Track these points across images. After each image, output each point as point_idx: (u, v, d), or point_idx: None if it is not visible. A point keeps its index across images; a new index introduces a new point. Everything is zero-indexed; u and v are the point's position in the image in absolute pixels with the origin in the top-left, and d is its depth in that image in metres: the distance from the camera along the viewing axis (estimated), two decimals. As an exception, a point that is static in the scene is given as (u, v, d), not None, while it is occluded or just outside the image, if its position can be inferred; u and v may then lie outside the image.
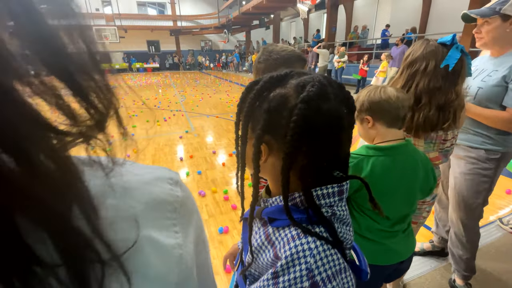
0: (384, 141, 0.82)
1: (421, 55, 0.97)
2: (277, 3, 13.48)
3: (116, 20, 19.54)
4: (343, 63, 8.88)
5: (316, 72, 0.44)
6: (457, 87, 0.97)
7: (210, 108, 6.82)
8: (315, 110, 0.39)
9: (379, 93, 0.79)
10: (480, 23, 1.17)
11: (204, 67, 23.42)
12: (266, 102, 0.42)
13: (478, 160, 1.26)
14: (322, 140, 0.41)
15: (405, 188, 0.82)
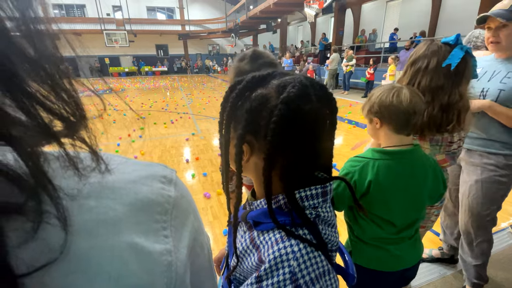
0: (391, 146, 0.81)
1: (423, 54, 0.97)
2: (284, 7, 13.54)
3: (126, 24, 19.97)
4: (351, 67, 8.83)
5: (299, 73, 0.44)
6: (461, 88, 0.95)
7: (217, 111, 6.81)
8: (295, 111, 0.39)
9: (392, 97, 0.76)
10: (496, 26, 1.14)
11: (212, 71, 23.65)
12: (247, 102, 0.42)
13: (497, 166, 1.22)
14: (303, 141, 0.41)
15: (412, 193, 0.80)
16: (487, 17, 1.15)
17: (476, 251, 1.38)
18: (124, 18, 19.99)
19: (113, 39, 19.31)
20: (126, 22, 19.94)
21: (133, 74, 22.56)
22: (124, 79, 19.44)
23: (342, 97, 8.61)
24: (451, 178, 1.48)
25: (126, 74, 22.38)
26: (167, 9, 23.29)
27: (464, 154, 1.34)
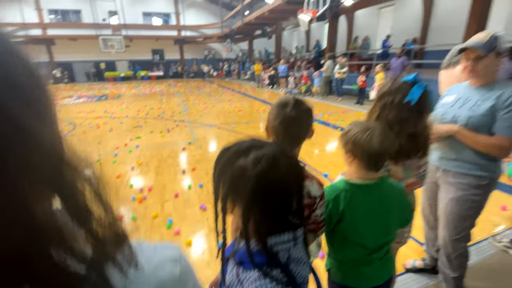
0: (361, 178, 0.92)
1: (388, 90, 1.11)
2: (279, 14, 13.75)
3: (122, 30, 20.02)
4: (344, 74, 9.01)
5: (273, 143, 0.56)
6: (423, 119, 1.10)
7: (213, 118, 6.95)
8: (265, 183, 0.51)
9: (365, 139, 0.86)
10: (474, 57, 1.24)
11: (208, 75, 23.78)
12: (230, 170, 0.53)
13: (470, 186, 1.32)
14: (272, 203, 0.52)
15: (381, 221, 0.91)
16: (466, 48, 1.25)
17: (453, 264, 1.49)
18: (120, 23, 20.04)
19: (109, 44, 19.33)
20: (122, 27, 20.00)
21: (129, 79, 22.56)
22: (120, 84, 19.43)
23: (336, 103, 8.77)
24: (432, 194, 1.58)
25: (122, 79, 22.36)
26: (163, 14, 23.40)
27: (441, 174, 1.44)
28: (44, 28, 19.88)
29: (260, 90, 13.30)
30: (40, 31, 19.80)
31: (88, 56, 21.72)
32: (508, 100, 1.19)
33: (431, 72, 8.81)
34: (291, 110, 0.85)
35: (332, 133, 5.25)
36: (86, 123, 6.46)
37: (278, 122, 0.85)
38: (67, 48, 21.05)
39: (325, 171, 3.36)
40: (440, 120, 1.38)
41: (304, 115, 0.87)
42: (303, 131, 0.89)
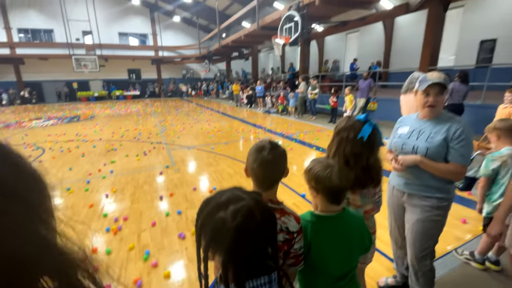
0: (325, 211, 1.02)
1: (343, 127, 1.26)
2: (255, 39, 14.38)
3: (97, 49, 19.66)
4: (316, 95, 9.53)
5: (250, 195, 0.63)
6: (375, 153, 1.25)
7: (192, 139, 6.92)
8: (243, 234, 0.58)
9: (325, 176, 0.96)
10: (435, 92, 1.39)
11: (186, 95, 23.79)
12: (211, 223, 0.60)
13: (432, 207, 1.46)
14: (249, 252, 0.59)
15: (344, 249, 1.01)
16: (432, 85, 1.37)
17: (421, 281, 1.60)
18: (95, 43, 19.71)
19: (82, 63, 18.83)
20: (96, 47, 19.66)
21: (103, 99, 21.92)
22: (93, 104, 18.78)
23: (310, 122, 9.14)
24: (399, 216, 1.70)
25: (96, 99, 21.68)
26: (139, 35, 23.43)
27: (407, 198, 1.57)
28: (12, 47, 19.01)
29: (239, 109, 13.52)
30: (8, 50, 18.89)
31: (60, 75, 20.93)
32: (456, 133, 1.37)
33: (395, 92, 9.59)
34: (268, 154, 0.94)
35: (308, 152, 5.45)
36: (56, 147, 6.13)
37: (257, 165, 0.93)
38: (37, 68, 20.18)
39: (302, 191, 3.46)
40: (401, 151, 1.53)
41: (280, 158, 0.97)
42: (279, 172, 0.97)
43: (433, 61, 6.81)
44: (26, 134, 7.89)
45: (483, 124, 2.24)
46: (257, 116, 11.09)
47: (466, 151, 1.37)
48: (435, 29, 6.50)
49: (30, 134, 7.97)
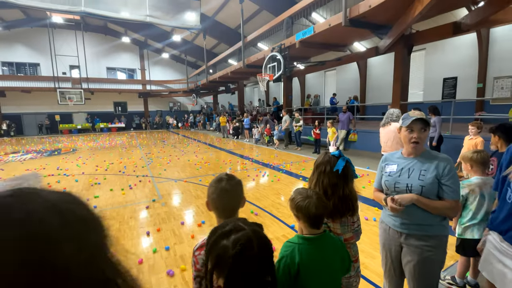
0: (308, 234, 1.16)
1: (321, 161, 1.43)
2: (241, 75, 15.21)
3: (84, 83, 19.81)
4: (300, 127, 9.98)
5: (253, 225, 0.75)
6: (349, 185, 1.40)
7: (179, 171, 6.88)
8: (242, 260, 0.69)
9: (305, 206, 1.12)
10: (419, 129, 1.46)
11: (172, 127, 23.93)
12: (215, 250, 0.71)
13: (432, 247, 1.46)
14: (247, 276, 0.70)
15: (327, 268, 1.12)
16: (413, 121, 1.44)
17: None
18: (82, 77, 19.92)
19: (67, 97, 18.77)
20: (83, 80, 19.83)
21: (87, 131, 21.53)
22: (76, 137, 18.37)
23: (296, 153, 9.42)
24: (395, 256, 1.63)
25: (78, 131, 21.25)
26: (128, 69, 24.03)
27: (404, 238, 1.54)
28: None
29: (226, 141, 13.72)
30: (-12, 82, 18.61)
31: (42, 108, 20.61)
32: (445, 169, 1.42)
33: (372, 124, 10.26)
34: (226, 184, 1.08)
35: (295, 182, 5.57)
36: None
37: (216, 195, 1.08)
38: (18, 100, 19.84)
39: (291, 222, 3.50)
40: (395, 190, 1.54)
41: (236, 187, 1.12)
42: (237, 201, 1.11)
43: (403, 96, 7.49)
44: (2, 169, 7.53)
45: (453, 153, 2.50)
46: (244, 147, 11.28)
47: (457, 186, 1.43)
48: (402, 69, 7.28)
49: (7, 168, 7.61)
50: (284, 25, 9.70)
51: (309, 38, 8.17)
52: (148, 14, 12.45)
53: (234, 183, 1.11)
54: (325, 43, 8.89)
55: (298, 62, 11.18)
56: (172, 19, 13.18)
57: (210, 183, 1.13)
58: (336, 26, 6.73)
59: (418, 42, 7.42)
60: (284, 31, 9.87)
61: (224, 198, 1.07)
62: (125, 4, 12.14)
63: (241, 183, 1.16)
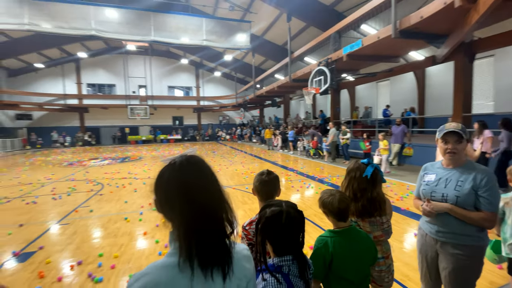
0: (336, 228, 1.37)
1: (352, 168, 1.63)
2: (287, 89, 15.63)
3: (149, 100, 22.71)
4: (347, 140, 9.74)
5: (289, 207, 1.03)
6: (377, 188, 1.57)
7: (227, 179, 7.42)
8: (271, 225, 0.98)
9: (330, 202, 1.34)
10: (454, 140, 1.51)
11: (221, 139, 25.50)
12: (260, 214, 1.03)
13: (467, 256, 1.48)
14: (278, 238, 0.98)
15: (356, 256, 1.30)
16: (448, 133, 1.51)
17: None
18: (147, 95, 22.88)
19: (135, 112, 21.69)
20: (148, 98, 22.74)
21: (150, 142, 24.37)
22: (141, 147, 20.96)
23: (343, 166, 9.20)
24: (431, 262, 1.68)
25: (143, 142, 24.18)
26: (185, 87, 26.73)
27: (440, 246, 1.59)
28: (80, 98, 22.90)
29: (271, 153, 14.08)
30: (77, 101, 22.75)
31: (115, 121, 24.17)
32: (483, 181, 1.44)
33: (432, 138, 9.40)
34: (265, 176, 1.48)
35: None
36: (113, 183, 7.05)
37: (258, 184, 1.48)
38: (98, 115, 23.67)
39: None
40: (431, 199, 1.59)
41: (273, 179, 1.49)
42: (273, 188, 1.48)
43: (466, 107, 6.84)
44: (87, 172, 9.15)
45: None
46: (289, 159, 11.46)
47: (494, 198, 1.44)
48: (463, 78, 6.70)
49: (90, 171, 9.22)
50: (331, 40, 9.85)
51: (357, 51, 8.16)
52: (205, 38, 13.93)
53: (272, 177, 1.50)
54: (375, 55, 8.74)
55: (348, 74, 11.09)
56: (225, 41, 14.46)
57: (255, 175, 1.53)
58: (385, 38, 6.64)
59: (482, 49, 6.80)
60: (331, 46, 10.01)
61: (264, 186, 1.46)
62: (185, 31, 13.83)
63: (277, 177, 1.52)
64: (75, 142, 22.37)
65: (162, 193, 0.70)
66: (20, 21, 11.65)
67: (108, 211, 4.72)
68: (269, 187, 1.46)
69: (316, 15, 12.55)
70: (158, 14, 13.47)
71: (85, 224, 4.12)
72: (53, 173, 8.90)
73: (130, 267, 2.78)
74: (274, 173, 1.52)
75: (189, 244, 0.65)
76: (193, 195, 0.68)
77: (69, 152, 17.33)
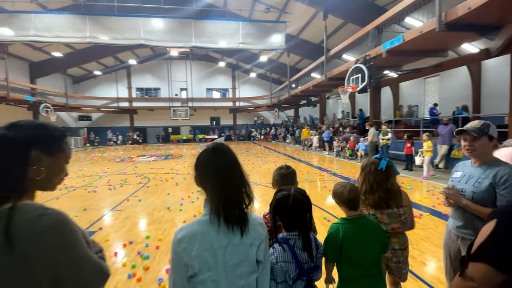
0: (348, 216, 1.47)
1: (367, 164, 1.73)
2: (323, 88, 15.31)
3: (189, 102, 24.15)
4: (388, 140, 9.24)
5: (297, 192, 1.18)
6: (391, 180, 1.67)
7: (260, 177, 7.64)
8: (279, 205, 1.15)
9: (340, 192, 1.46)
10: (470, 138, 1.52)
11: (255, 139, 25.96)
12: (275, 200, 1.19)
13: None
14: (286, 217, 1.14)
15: (365, 242, 1.40)
16: (463, 131, 1.56)
17: None
18: (188, 97, 24.36)
19: (177, 113, 23.27)
20: (189, 100, 24.19)
21: (189, 141, 25.91)
22: (181, 145, 22.41)
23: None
24: (455, 259, 1.69)
25: (184, 141, 25.80)
26: (222, 89, 27.81)
27: (461, 241, 1.62)
28: (130, 101, 25.31)
29: (306, 153, 13.97)
30: (127, 103, 25.20)
31: (160, 122, 26.19)
32: (502, 178, 1.43)
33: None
34: (284, 170, 1.65)
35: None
36: (157, 177, 7.79)
37: (278, 177, 1.63)
38: (145, 116, 25.91)
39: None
40: None
41: (291, 173, 1.65)
42: (291, 182, 1.62)
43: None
44: (136, 167, 10.18)
45: None
46: (324, 160, 11.27)
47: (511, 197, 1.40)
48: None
49: (139, 166, 10.24)
50: (370, 36, 9.46)
51: (398, 47, 7.72)
52: (241, 41, 14.39)
53: (290, 171, 1.67)
54: (419, 50, 8.16)
55: (391, 70, 10.49)
56: (260, 43, 14.74)
57: (275, 170, 1.70)
58: (429, 32, 6.21)
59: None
60: (369, 42, 9.61)
61: (283, 179, 1.62)
62: (223, 35, 14.45)
63: (295, 172, 1.69)
64: (126, 140, 24.82)
65: (199, 170, 0.96)
66: (83, 35, 13.40)
67: (154, 201, 5.28)
68: (287, 179, 1.61)
69: (354, 11, 12.10)
70: (198, 21, 14.29)
71: (135, 211, 4.68)
72: (108, 167, 10.11)
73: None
74: (291, 167, 1.69)
75: (217, 206, 0.88)
76: (221, 171, 0.91)
77: (120, 150, 19.31)
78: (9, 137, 0.67)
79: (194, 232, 0.88)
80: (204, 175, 0.94)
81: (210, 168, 0.93)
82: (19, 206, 0.64)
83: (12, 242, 0.60)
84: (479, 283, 0.79)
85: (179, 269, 0.87)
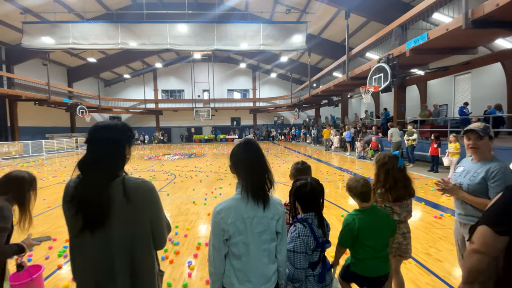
0: (361, 207, 1.65)
1: (387, 162, 1.88)
2: (344, 88, 15.10)
3: (211, 103, 24.86)
4: (413, 141, 8.98)
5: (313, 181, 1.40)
6: (406, 176, 1.88)
7: (279, 176, 7.82)
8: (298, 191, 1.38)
9: (354, 186, 1.63)
10: (474, 137, 1.69)
11: (275, 139, 26.09)
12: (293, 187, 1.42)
13: None
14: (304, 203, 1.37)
15: (378, 229, 1.59)
16: (468, 131, 1.72)
17: None
18: (210, 98, 25.08)
19: (200, 114, 24.06)
20: (211, 101, 24.90)
21: (211, 141, 26.67)
22: (203, 145, 23.16)
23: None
24: (462, 246, 1.84)
25: (205, 141, 26.62)
26: (242, 90, 28.28)
27: (463, 228, 1.77)
28: (156, 102, 26.57)
29: (326, 153, 13.89)
30: (153, 105, 26.49)
31: (183, 122, 27.24)
32: (493, 173, 1.61)
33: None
34: (300, 165, 1.88)
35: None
36: (183, 174, 8.26)
37: (294, 171, 1.86)
38: (170, 117, 27.08)
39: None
40: None
41: (305, 168, 1.86)
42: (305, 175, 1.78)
43: None
44: (162, 164, 10.80)
45: None
46: (345, 160, 11.18)
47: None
48: None
49: (165, 164, 10.86)
50: (393, 34, 9.27)
51: (423, 45, 7.53)
52: (262, 43, 14.63)
53: (305, 166, 1.88)
54: (445, 47, 7.89)
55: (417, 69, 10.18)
56: (281, 44, 14.88)
57: (292, 164, 1.92)
58: (455, 30, 6.02)
59: None
60: (393, 40, 9.41)
61: (298, 173, 1.82)
62: (244, 38, 14.79)
63: (310, 167, 1.90)
64: (152, 140, 26.12)
65: (233, 160, 1.23)
66: (115, 42, 14.39)
67: (180, 196, 5.68)
68: (302, 173, 1.81)
69: (378, 9, 11.85)
70: (221, 25, 14.76)
71: (164, 204, 5.09)
72: (138, 165, 10.82)
73: (198, 237, 3.48)
74: (306, 163, 1.91)
75: (247, 187, 1.15)
76: (250, 161, 1.18)
77: (147, 148, 20.38)
78: (118, 138, 1.06)
79: (229, 206, 1.16)
80: (237, 164, 1.21)
81: (242, 158, 1.20)
82: (126, 177, 1.01)
83: (130, 197, 0.96)
84: (478, 243, 0.94)
85: (218, 233, 1.14)
